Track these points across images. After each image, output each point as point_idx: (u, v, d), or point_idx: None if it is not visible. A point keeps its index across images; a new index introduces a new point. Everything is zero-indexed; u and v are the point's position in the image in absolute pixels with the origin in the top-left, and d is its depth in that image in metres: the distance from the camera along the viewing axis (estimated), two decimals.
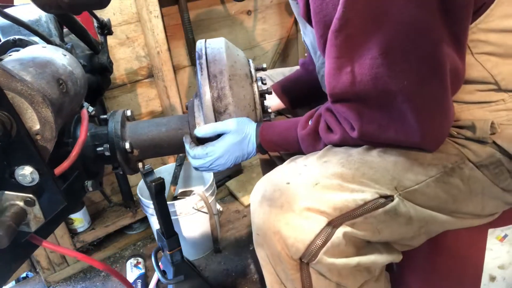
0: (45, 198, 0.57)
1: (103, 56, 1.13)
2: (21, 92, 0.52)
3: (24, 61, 0.59)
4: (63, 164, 0.60)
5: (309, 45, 1.06)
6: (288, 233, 0.72)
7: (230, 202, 2.02)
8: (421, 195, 0.76)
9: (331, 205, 0.72)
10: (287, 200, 0.74)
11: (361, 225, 0.74)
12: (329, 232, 0.72)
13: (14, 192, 0.55)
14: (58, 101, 0.59)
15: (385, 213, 0.74)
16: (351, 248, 0.74)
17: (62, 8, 0.55)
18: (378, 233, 0.75)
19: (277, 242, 0.74)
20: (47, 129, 0.55)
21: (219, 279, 1.59)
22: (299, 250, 0.72)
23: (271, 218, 0.74)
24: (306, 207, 0.72)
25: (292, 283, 0.77)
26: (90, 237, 1.70)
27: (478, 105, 0.78)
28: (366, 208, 0.73)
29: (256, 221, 0.79)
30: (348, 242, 0.73)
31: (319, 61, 1.06)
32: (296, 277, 0.76)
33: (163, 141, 0.94)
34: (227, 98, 0.89)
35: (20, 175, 0.54)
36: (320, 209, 0.72)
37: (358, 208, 0.73)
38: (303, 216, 0.72)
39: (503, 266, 0.93)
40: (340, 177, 0.76)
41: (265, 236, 0.76)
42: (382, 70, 0.67)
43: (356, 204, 0.73)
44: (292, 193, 0.75)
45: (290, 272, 0.76)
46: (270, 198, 0.76)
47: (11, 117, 0.51)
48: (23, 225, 0.58)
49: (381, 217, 0.74)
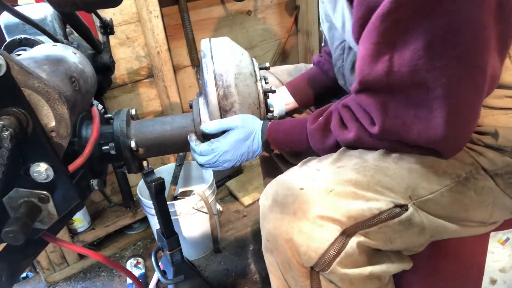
0: (59, 195, 0.58)
1: (106, 55, 1.13)
2: (38, 89, 0.52)
3: (38, 59, 0.60)
4: (76, 161, 0.60)
5: (328, 34, 1.05)
6: (300, 241, 0.70)
7: (230, 202, 2.02)
8: (434, 204, 0.75)
9: (345, 213, 0.70)
10: (300, 207, 0.72)
11: (374, 235, 0.72)
12: (343, 241, 0.70)
13: (28, 189, 0.56)
14: (72, 98, 0.59)
15: (400, 223, 0.73)
16: (363, 257, 0.73)
17: (78, 6, 0.55)
18: (390, 242, 0.74)
19: (288, 249, 0.72)
20: (63, 126, 0.55)
21: (219, 279, 1.60)
22: (312, 259, 0.70)
23: (284, 225, 0.72)
24: (320, 215, 0.70)
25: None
26: (90, 237, 1.69)
27: (503, 111, 0.77)
28: (381, 218, 0.72)
29: (266, 227, 0.77)
30: (361, 252, 0.72)
31: (336, 53, 1.04)
32: (305, 284, 0.74)
33: (168, 139, 0.95)
34: (233, 96, 0.90)
35: (35, 172, 0.54)
36: (334, 217, 0.70)
37: (373, 217, 0.72)
38: (317, 224, 0.70)
39: (504, 269, 0.93)
40: (355, 184, 0.74)
41: (276, 243, 0.74)
42: (423, 63, 0.64)
43: (372, 213, 0.71)
44: (305, 199, 0.73)
45: (300, 280, 0.74)
46: (282, 204, 0.75)
47: (27, 114, 0.52)
48: (37, 222, 0.58)
49: (396, 227, 0.73)
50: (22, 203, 0.56)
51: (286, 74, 1.31)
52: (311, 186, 0.75)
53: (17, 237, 0.51)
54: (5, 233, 0.50)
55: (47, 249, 1.59)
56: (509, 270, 0.93)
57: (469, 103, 0.68)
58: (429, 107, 0.67)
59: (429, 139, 0.70)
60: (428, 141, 0.71)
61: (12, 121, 0.49)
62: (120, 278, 1.66)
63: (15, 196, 0.56)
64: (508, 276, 0.94)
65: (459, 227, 0.79)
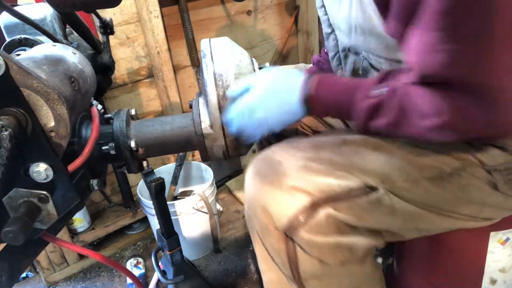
0: (59, 195, 0.58)
1: (106, 55, 1.13)
2: (37, 90, 0.52)
3: (37, 59, 0.60)
4: (76, 161, 0.60)
5: (326, 41, 1.06)
6: (274, 207, 0.76)
7: (230, 202, 2.02)
8: (408, 192, 0.77)
9: (316, 187, 0.75)
10: (277, 178, 0.77)
11: (344, 210, 0.75)
12: (311, 211, 0.74)
13: (28, 189, 0.56)
14: (71, 98, 0.59)
15: (369, 202, 0.76)
16: (332, 228, 0.76)
17: (77, 7, 0.55)
18: (361, 218, 0.77)
19: (264, 215, 0.77)
20: (62, 126, 0.55)
21: (219, 279, 1.60)
22: (282, 224, 0.75)
23: (261, 194, 0.78)
24: (293, 186, 0.75)
25: (279, 255, 0.80)
26: (90, 237, 1.69)
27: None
28: (350, 195, 0.75)
29: (247, 196, 0.83)
30: (330, 223, 0.75)
31: (334, 63, 1.07)
32: (282, 248, 0.79)
33: (167, 139, 0.95)
34: None
35: (34, 172, 0.54)
36: (305, 189, 0.75)
37: (342, 193, 0.75)
38: (290, 194, 0.75)
39: (504, 269, 0.93)
40: (330, 163, 0.78)
41: (254, 210, 0.80)
42: (496, 58, 0.60)
43: (341, 189, 0.75)
44: (282, 172, 0.77)
45: (276, 245, 0.79)
46: (261, 176, 0.80)
47: (27, 114, 0.52)
48: (37, 222, 0.58)
49: (364, 205, 0.76)
50: (21, 203, 0.56)
51: None
52: (289, 160, 0.79)
53: (17, 237, 0.51)
54: (5, 233, 0.50)
55: (47, 249, 1.59)
56: (509, 270, 0.93)
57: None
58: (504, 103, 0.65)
59: (496, 133, 0.72)
60: (494, 135, 0.73)
61: (12, 121, 0.49)
62: (120, 278, 1.66)
63: (14, 196, 0.56)
64: (508, 276, 0.94)
65: (440, 216, 0.80)
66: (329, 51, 1.08)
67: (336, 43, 1.04)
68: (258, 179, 0.80)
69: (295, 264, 0.79)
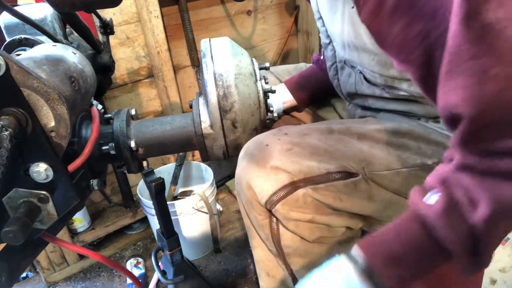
0: (59, 195, 0.58)
1: (106, 55, 1.13)
2: (37, 89, 0.52)
3: (37, 59, 0.60)
4: (76, 161, 0.60)
5: (324, 51, 1.10)
6: (257, 183, 0.83)
7: (230, 202, 2.02)
8: (388, 180, 0.84)
9: (296, 168, 0.81)
10: (262, 158, 0.84)
11: (322, 191, 0.81)
12: (290, 189, 0.80)
13: (28, 189, 0.56)
14: (71, 98, 0.59)
15: (345, 185, 0.82)
16: (311, 207, 0.82)
17: (76, 7, 0.55)
18: (340, 201, 0.83)
19: (249, 190, 0.85)
20: (62, 126, 0.55)
21: (219, 279, 1.60)
22: (263, 198, 0.82)
23: (247, 172, 0.86)
24: (276, 166, 0.82)
25: (263, 228, 0.88)
26: (90, 237, 1.69)
27: None
28: (328, 178, 0.82)
29: (237, 172, 0.91)
30: (308, 202, 0.81)
31: (331, 72, 1.09)
32: (265, 222, 0.86)
33: (167, 140, 0.95)
34: (233, 96, 0.90)
35: (34, 172, 0.54)
36: (286, 169, 0.81)
37: (320, 175, 0.81)
38: (272, 172, 0.82)
39: (504, 269, 0.93)
40: (313, 148, 0.85)
41: (241, 185, 0.88)
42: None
43: (320, 172, 0.81)
44: (267, 153, 0.85)
45: (259, 218, 0.86)
46: (250, 156, 0.87)
47: (27, 114, 0.52)
48: (37, 222, 0.58)
49: (341, 188, 0.82)
50: (21, 203, 0.56)
51: (286, 73, 1.32)
52: (275, 144, 0.86)
53: (17, 237, 0.51)
54: (4, 233, 0.50)
55: (47, 249, 1.59)
56: (509, 270, 0.93)
57: None
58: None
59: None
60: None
61: (12, 121, 0.49)
62: (120, 278, 1.66)
63: (14, 196, 0.56)
64: (508, 276, 0.94)
65: None
66: (327, 60, 1.10)
67: (334, 54, 1.06)
68: (246, 158, 0.88)
69: (277, 238, 0.86)
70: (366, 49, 0.87)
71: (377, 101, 0.99)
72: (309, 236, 0.85)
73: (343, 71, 1.04)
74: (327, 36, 1.05)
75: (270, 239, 0.88)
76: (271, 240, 0.88)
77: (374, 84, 0.95)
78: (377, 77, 0.92)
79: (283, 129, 0.93)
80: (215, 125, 0.91)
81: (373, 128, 0.91)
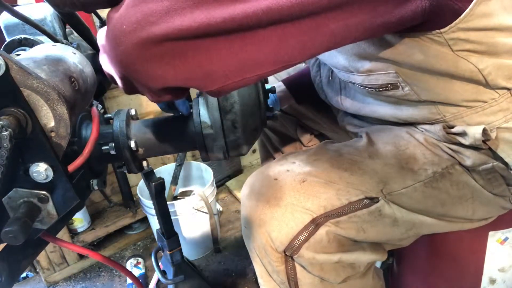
0: (59, 195, 0.58)
1: None
2: (37, 90, 0.52)
3: (37, 59, 0.60)
4: (76, 161, 0.60)
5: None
6: (272, 226, 0.74)
7: (230, 202, 2.02)
8: (407, 198, 0.77)
9: (316, 203, 0.74)
10: (274, 196, 0.76)
11: (345, 224, 0.74)
12: (312, 228, 0.73)
13: (28, 189, 0.56)
14: (71, 98, 0.59)
15: (369, 213, 0.75)
16: (334, 245, 0.75)
17: (77, 7, 0.55)
18: (363, 232, 0.76)
19: (262, 235, 0.76)
20: (62, 126, 0.55)
21: (219, 279, 1.60)
22: (283, 243, 0.73)
23: (258, 212, 0.77)
24: (292, 203, 0.74)
25: (278, 274, 0.79)
26: (90, 237, 1.69)
27: (473, 110, 0.75)
28: (350, 208, 0.74)
29: (244, 214, 0.82)
30: (331, 240, 0.74)
31: (313, 70, 1.07)
32: (281, 269, 0.78)
33: (167, 140, 0.95)
34: (233, 97, 0.90)
35: (34, 172, 0.54)
36: (305, 206, 0.73)
37: (342, 207, 0.74)
38: (288, 212, 0.74)
39: (503, 269, 0.93)
40: (327, 176, 0.77)
41: (252, 229, 0.79)
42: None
43: (341, 203, 0.74)
44: (279, 189, 0.77)
45: (275, 264, 0.77)
46: (258, 193, 0.79)
47: (27, 114, 0.52)
48: (37, 222, 0.58)
49: (365, 217, 0.75)
50: (21, 203, 0.55)
51: (286, 73, 1.32)
52: (285, 176, 0.79)
53: (17, 237, 0.50)
54: (4, 233, 0.50)
55: (47, 249, 1.59)
56: (508, 269, 0.93)
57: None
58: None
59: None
60: None
61: (12, 121, 0.49)
62: (120, 278, 1.67)
63: (14, 196, 0.56)
64: (507, 275, 0.94)
65: (440, 222, 0.80)
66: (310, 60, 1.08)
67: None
68: (254, 197, 0.79)
69: (295, 283, 0.78)
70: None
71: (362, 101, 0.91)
72: (335, 279, 0.77)
73: (325, 66, 1.02)
74: None
75: (286, 283, 0.80)
76: (287, 284, 0.80)
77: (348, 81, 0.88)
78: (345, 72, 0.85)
79: (289, 157, 0.86)
80: (215, 125, 0.91)
81: (380, 143, 0.84)
